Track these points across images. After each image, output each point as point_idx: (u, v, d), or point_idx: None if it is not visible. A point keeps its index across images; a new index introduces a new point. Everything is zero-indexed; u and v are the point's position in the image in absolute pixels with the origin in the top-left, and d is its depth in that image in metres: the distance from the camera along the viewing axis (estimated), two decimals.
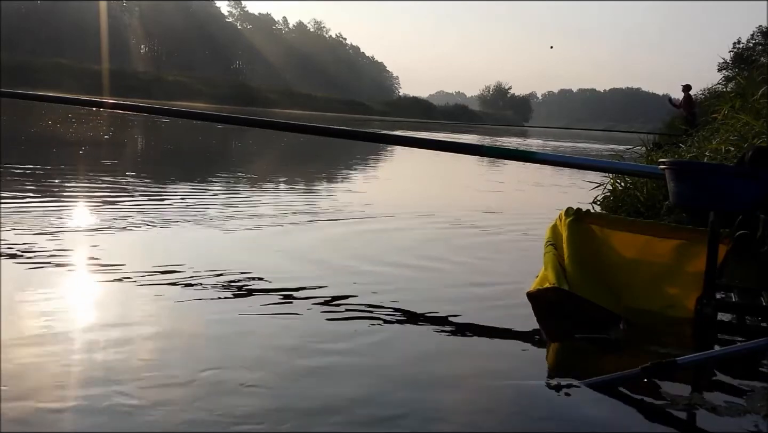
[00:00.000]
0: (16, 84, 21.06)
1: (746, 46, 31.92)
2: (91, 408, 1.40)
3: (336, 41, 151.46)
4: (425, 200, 5.55)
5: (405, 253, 3.37)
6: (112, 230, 3.36)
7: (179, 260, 2.81)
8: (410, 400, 1.56)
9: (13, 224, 3.26)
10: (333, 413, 1.46)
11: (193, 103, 46.08)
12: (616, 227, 2.46)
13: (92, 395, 1.46)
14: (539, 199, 6.65)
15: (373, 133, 4.42)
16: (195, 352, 1.79)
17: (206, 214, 4.00)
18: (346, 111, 73.71)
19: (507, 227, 4.50)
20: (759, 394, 1.73)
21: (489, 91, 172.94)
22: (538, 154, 3.38)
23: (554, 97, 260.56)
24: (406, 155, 11.72)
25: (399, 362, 1.81)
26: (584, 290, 2.20)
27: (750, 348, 1.77)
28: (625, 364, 1.72)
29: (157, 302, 2.21)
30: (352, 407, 1.50)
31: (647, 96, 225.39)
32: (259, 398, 1.51)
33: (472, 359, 1.90)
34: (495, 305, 2.46)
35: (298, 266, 2.88)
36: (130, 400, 1.45)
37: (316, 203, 4.97)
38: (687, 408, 1.60)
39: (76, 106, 17.57)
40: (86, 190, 5.00)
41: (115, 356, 1.70)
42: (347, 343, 1.95)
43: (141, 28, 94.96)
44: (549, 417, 1.54)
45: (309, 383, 1.60)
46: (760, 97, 5.50)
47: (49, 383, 1.52)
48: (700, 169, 2.35)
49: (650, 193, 4.67)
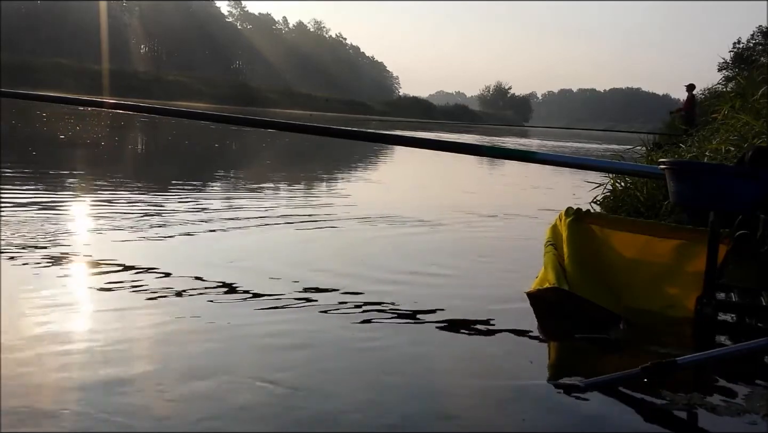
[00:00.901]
0: (17, 84, 21.06)
1: (746, 46, 31.91)
2: (91, 409, 1.40)
3: (336, 41, 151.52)
4: (424, 201, 5.55)
5: (404, 253, 3.37)
6: (107, 232, 3.36)
7: (175, 262, 2.81)
8: (409, 400, 1.56)
9: (6, 225, 3.26)
10: (332, 414, 1.46)
11: (193, 103, 46.08)
12: (616, 227, 2.46)
13: (92, 395, 1.46)
14: (539, 199, 6.65)
15: (373, 133, 4.42)
16: (195, 352, 1.78)
17: (205, 215, 4.00)
18: (346, 111, 73.70)
19: (506, 227, 4.50)
20: (759, 394, 1.73)
21: (489, 91, 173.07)
22: (538, 154, 3.37)
23: (554, 97, 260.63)
24: (405, 156, 11.72)
25: (398, 362, 1.81)
26: (584, 290, 2.21)
27: (750, 348, 1.76)
28: (625, 364, 1.72)
29: (158, 304, 2.21)
30: (351, 407, 1.50)
31: (647, 96, 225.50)
32: (261, 399, 1.51)
33: (471, 358, 1.90)
34: (495, 305, 2.46)
35: (297, 269, 2.88)
36: (130, 399, 1.45)
37: (312, 205, 4.97)
38: (687, 408, 1.60)
39: (76, 106, 17.54)
40: (72, 191, 5.00)
41: (116, 355, 1.70)
42: (346, 344, 1.94)
43: (141, 28, 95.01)
44: (549, 417, 1.54)
45: (309, 384, 1.60)
46: (760, 97, 5.50)
47: (48, 384, 1.52)
48: (700, 170, 2.35)
49: (650, 193, 4.66)
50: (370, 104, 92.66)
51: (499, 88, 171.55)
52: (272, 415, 1.43)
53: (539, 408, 1.59)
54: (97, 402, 1.43)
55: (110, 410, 1.39)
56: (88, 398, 1.44)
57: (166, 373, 1.61)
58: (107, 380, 1.54)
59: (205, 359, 1.73)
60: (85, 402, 1.43)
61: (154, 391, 1.51)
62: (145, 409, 1.42)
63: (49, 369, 1.59)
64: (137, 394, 1.49)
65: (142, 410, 1.41)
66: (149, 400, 1.46)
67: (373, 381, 1.66)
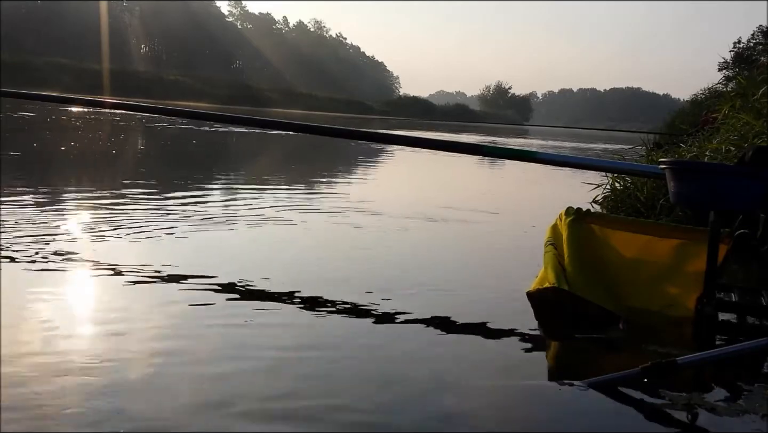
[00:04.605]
0: (17, 83, 21.05)
1: (746, 46, 31.93)
2: (91, 407, 1.40)
3: (336, 41, 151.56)
4: (424, 200, 5.55)
5: (402, 253, 3.37)
6: (106, 233, 3.36)
7: (175, 262, 2.81)
8: (409, 400, 1.56)
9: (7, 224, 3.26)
10: (332, 414, 1.46)
11: (193, 103, 46.07)
12: (616, 227, 2.46)
13: (92, 396, 1.46)
14: (539, 199, 6.65)
15: (373, 132, 4.42)
16: (194, 353, 1.78)
17: (204, 216, 4.00)
18: (346, 111, 73.70)
19: (506, 226, 4.50)
20: (759, 394, 1.73)
21: (489, 91, 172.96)
22: (539, 154, 3.37)
23: (554, 97, 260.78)
24: (405, 155, 11.71)
25: (398, 362, 1.81)
26: (584, 290, 2.20)
27: (750, 348, 1.76)
28: (625, 364, 1.72)
29: (156, 304, 2.21)
30: (350, 408, 1.50)
31: (647, 96, 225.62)
32: (262, 401, 1.51)
33: (471, 359, 1.89)
34: (495, 304, 2.46)
35: (297, 269, 2.88)
36: (130, 399, 1.45)
37: (312, 205, 4.97)
38: (687, 408, 1.60)
39: (76, 105, 17.43)
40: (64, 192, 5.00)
41: (116, 354, 1.70)
42: (345, 344, 1.94)
43: (141, 28, 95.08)
44: (549, 417, 1.54)
45: (309, 384, 1.60)
46: (761, 97, 5.48)
47: (50, 382, 1.52)
48: (700, 169, 2.34)
49: (650, 193, 4.66)
50: (370, 104, 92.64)
51: (500, 88, 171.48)
52: (277, 417, 1.43)
53: (539, 408, 1.59)
54: (97, 403, 1.43)
55: (111, 410, 1.40)
56: (89, 399, 1.45)
57: (168, 373, 1.61)
58: (108, 381, 1.54)
59: (205, 361, 1.73)
60: (85, 403, 1.43)
61: (155, 390, 1.51)
62: (146, 410, 1.42)
63: (50, 369, 1.59)
64: (139, 394, 1.49)
65: (144, 412, 1.41)
66: (151, 402, 1.46)
67: (372, 381, 1.66)
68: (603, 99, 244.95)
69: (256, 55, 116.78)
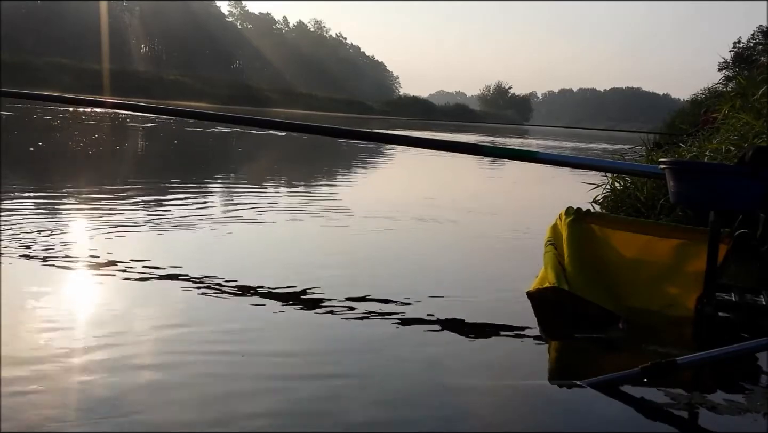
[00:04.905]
0: (18, 83, 21.06)
1: (746, 46, 31.94)
2: (91, 407, 1.40)
3: (336, 41, 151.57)
4: (423, 200, 5.54)
5: (403, 253, 3.37)
6: (109, 230, 3.36)
7: (174, 261, 2.81)
8: (409, 401, 1.56)
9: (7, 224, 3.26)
10: (330, 414, 1.46)
11: (193, 103, 46.07)
12: (616, 227, 2.46)
13: (92, 396, 1.46)
14: (539, 199, 6.65)
15: (373, 132, 4.42)
16: (193, 353, 1.78)
17: (204, 216, 4.00)
18: (346, 111, 73.70)
19: (506, 226, 4.49)
20: (759, 393, 1.73)
21: (489, 91, 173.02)
22: (539, 154, 3.37)
23: (554, 97, 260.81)
24: (404, 155, 11.71)
25: (398, 362, 1.81)
26: (584, 290, 2.21)
27: (750, 348, 1.76)
28: (625, 364, 1.72)
29: (158, 303, 2.21)
30: (349, 408, 1.50)
31: (647, 96, 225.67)
32: (264, 401, 1.51)
33: (471, 359, 1.90)
34: (495, 304, 2.46)
35: (296, 269, 2.88)
36: (130, 399, 1.45)
37: (312, 205, 4.96)
38: (687, 408, 1.60)
39: (76, 105, 17.45)
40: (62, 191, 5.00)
41: (118, 356, 1.70)
42: (344, 344, 1.95)
43: (141, 28, 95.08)
44: (549, 417, 1.54)
45: (309, 385, 1.60)
46: (761, 97, 5.48)
47: (50, 382, 1.52)
48: (700, 169, 2.35)
49: (650, 193, 4.66)
50: (370, 104, 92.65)
51: (500, 88, 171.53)
52: (278, 416, 1.43)
53: (539, 408, 1.59)
54: (98, 404, 1.43)
55: (112, 411, 1.40)
56: (89, 399, 1.45)
57: (169, 375, 1.62)
58: (108, 381, 1.54)
59: (205, 362, 1.73)
60: (86, 403, 1.43)
61: (155, 391, 1.51)
62: (146, 410, 1.42)
63: (50, 369, 1.59)
64: (139, 394, 1.49)
65: (145, 412, 1.41)
66: (151, 401, 1.46)
67: (372, 381, 1.66)
68: (603, 99, 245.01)
69: (256, 55, 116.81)
